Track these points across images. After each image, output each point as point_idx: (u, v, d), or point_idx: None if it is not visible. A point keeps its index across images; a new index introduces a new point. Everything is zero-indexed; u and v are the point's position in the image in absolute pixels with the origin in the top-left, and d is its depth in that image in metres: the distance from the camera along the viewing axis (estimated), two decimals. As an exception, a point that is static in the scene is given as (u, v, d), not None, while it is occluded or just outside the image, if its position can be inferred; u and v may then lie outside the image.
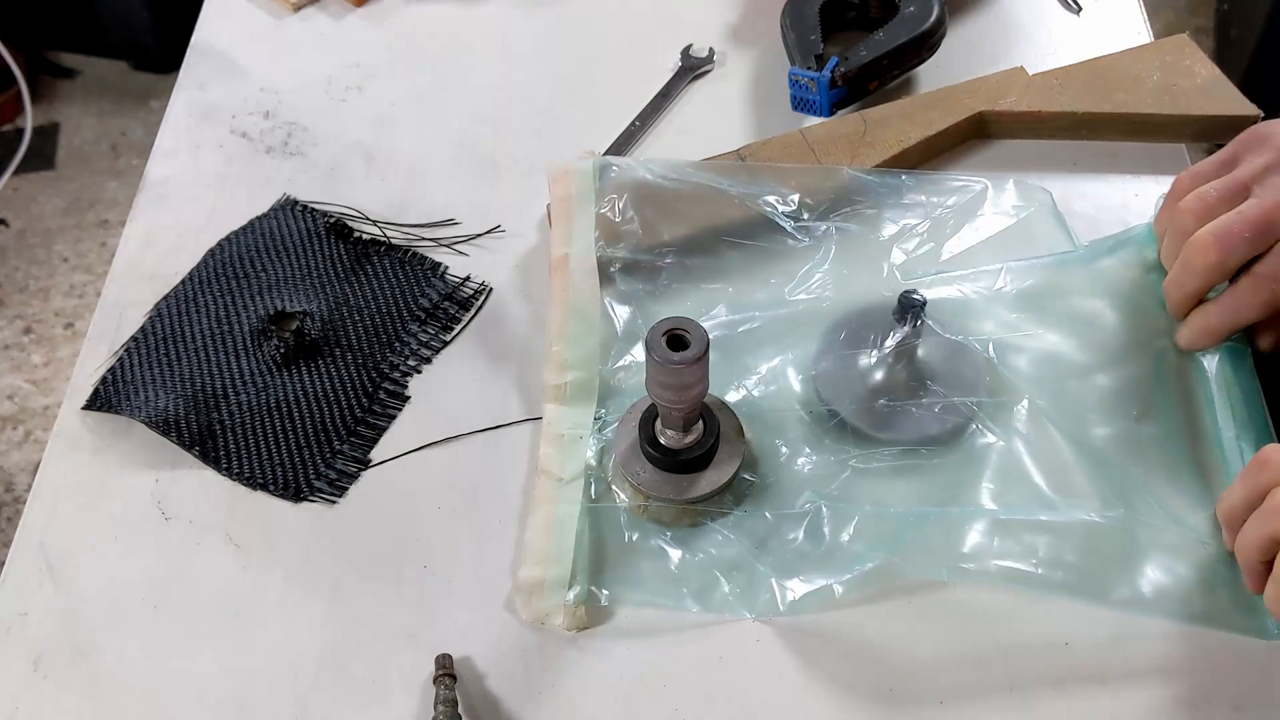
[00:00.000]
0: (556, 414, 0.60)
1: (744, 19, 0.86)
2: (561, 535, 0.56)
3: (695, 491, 0.57)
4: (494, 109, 0.80)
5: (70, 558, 0.57)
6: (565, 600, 0.54)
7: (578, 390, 0.61)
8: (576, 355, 0.62)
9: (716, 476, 0.57)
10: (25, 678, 0.53)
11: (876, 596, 0.55)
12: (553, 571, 0.54)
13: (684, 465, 0.57)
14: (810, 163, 0.70)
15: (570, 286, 0.64)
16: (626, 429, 0.59)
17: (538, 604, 0.54)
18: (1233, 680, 0.52)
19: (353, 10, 0.87)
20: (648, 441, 0.57)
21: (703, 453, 0.57)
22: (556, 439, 0.59)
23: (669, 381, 0.52)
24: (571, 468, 0.58)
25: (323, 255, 0.70)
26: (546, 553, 0.55)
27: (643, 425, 0.58)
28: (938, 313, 0.61)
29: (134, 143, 1.95)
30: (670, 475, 0.57)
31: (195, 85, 0.81)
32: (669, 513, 0.57)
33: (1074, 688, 0.53)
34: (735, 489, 0.58)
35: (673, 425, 0.56)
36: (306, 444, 0.61)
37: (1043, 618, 0.55)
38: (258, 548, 0.58)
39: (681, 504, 0.57)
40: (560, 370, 0.62)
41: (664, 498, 0.57)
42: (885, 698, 0.52)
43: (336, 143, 0.77)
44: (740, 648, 0.54)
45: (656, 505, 0.57)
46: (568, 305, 0.64)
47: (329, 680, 0.53)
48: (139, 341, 0.65)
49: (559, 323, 0.63)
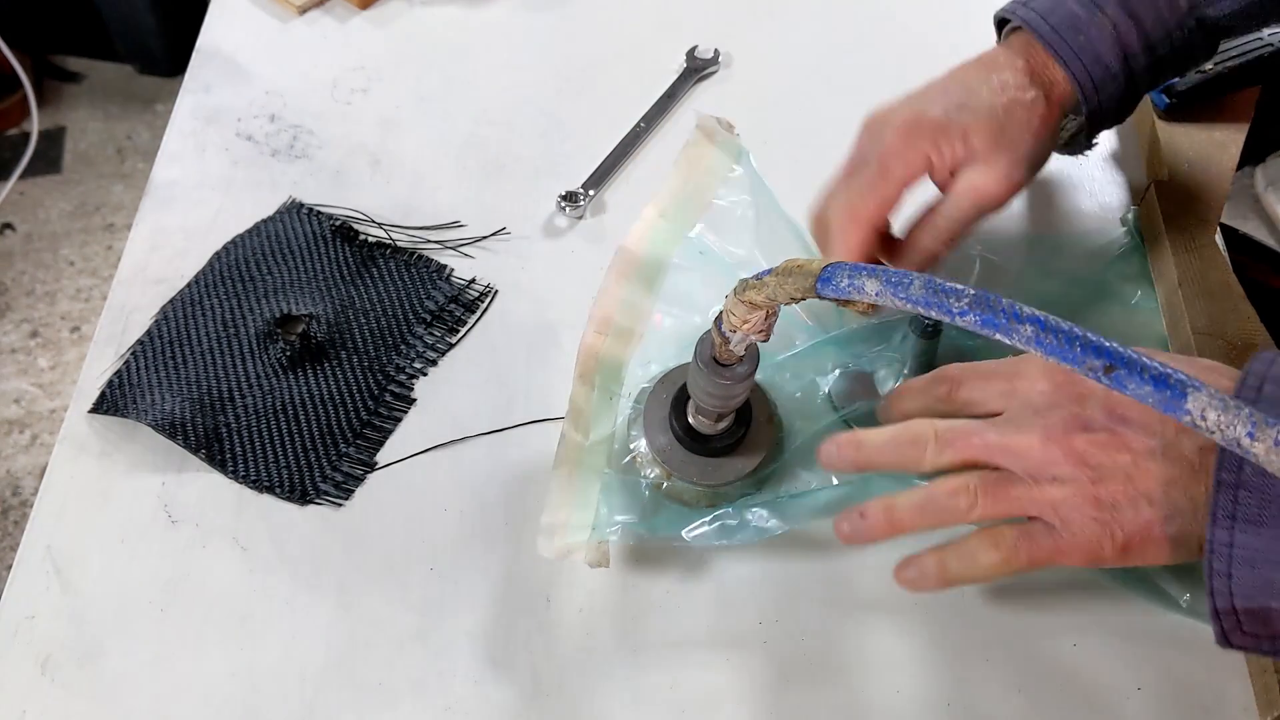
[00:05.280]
0: (588, 372, 0.59)
1: (749, 20, 0.86)
2: (585, 490, 0.55)
3: (719, 477, 0.57)
4: (499, 111, 0.80)
5: (77, 561, 0.57)
6: (587, 539, 0.54)
7: (617, 343, 0.59)
8: (626, 318, 0.60)
9: (742, 465, 0.57)
10: (33, 680, 0.53)
11: (882, 599, 0.55)
12: (576, 516, 0.54)
13: (712, 450, 0.57)
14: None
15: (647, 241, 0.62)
16: (657, 401, 0.59)
17: (560, 541, 0.53)
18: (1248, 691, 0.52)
19: (358, 13, 0.87)
20: (677, 421, 0.58)
21: (732, 441, 0.57)
22: (587, 396, 0.58)
23: (714, 391, 0.52)
24: (598, 430, 0.57)
25: (328, 258, 0.70)
26: (569, 502, 0.55)
27: (674, 404, 0.58)
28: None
29: (140, 146, 1.95)
30: (695, 457, 0.57)
31: (201, 89, 0.81)
32: (689, 493, 0.58)
33: (1081, 689, 0.52)
34: (757, 476, 0.58)
35: (707, 416, 0.56)
36: (313, 446, 0.61)
37: (1050, 619, 0.55)
38: (264, 550, 0.58)
39: (703, 487, 0.57)
40: (605, 324, 0.59)
41: (686, 479, 0.57)
42: (892, 697, 0.52)
43: (342, 145, 0.77)
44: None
45: (677, 484, 0.58)
46: (637, 264, 0.61)
47: (336, 682, 0.53)
48: (145, 345, 0.65)
49: (620, 278, 0.61)
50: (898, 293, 0.39)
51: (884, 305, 0.40)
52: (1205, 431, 0.33)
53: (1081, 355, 0.34)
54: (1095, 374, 0.34)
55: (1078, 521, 0.47)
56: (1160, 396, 0.33)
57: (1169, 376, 0.33)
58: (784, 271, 0.43)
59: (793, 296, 0.43)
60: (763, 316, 0.46)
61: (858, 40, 0.86)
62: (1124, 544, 0.46)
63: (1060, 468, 0.47)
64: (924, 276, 0.38)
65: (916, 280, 0.38)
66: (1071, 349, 0.34)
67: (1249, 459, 0.32)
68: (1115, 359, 0.34)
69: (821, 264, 0.42)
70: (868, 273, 0.40)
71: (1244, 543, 0.42)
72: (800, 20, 0.87)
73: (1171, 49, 0.59)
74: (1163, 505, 0.45)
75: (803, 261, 0.43)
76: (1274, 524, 0.42)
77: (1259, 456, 0.32)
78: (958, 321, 0.37)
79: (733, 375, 0.51)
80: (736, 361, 0.51)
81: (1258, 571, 0.42)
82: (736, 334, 0.48)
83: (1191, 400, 0.33)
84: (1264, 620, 0.43)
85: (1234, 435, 0.32)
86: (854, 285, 0.40)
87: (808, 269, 0.42)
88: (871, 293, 0.39)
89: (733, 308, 0.47)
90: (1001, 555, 0.48)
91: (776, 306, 0.46)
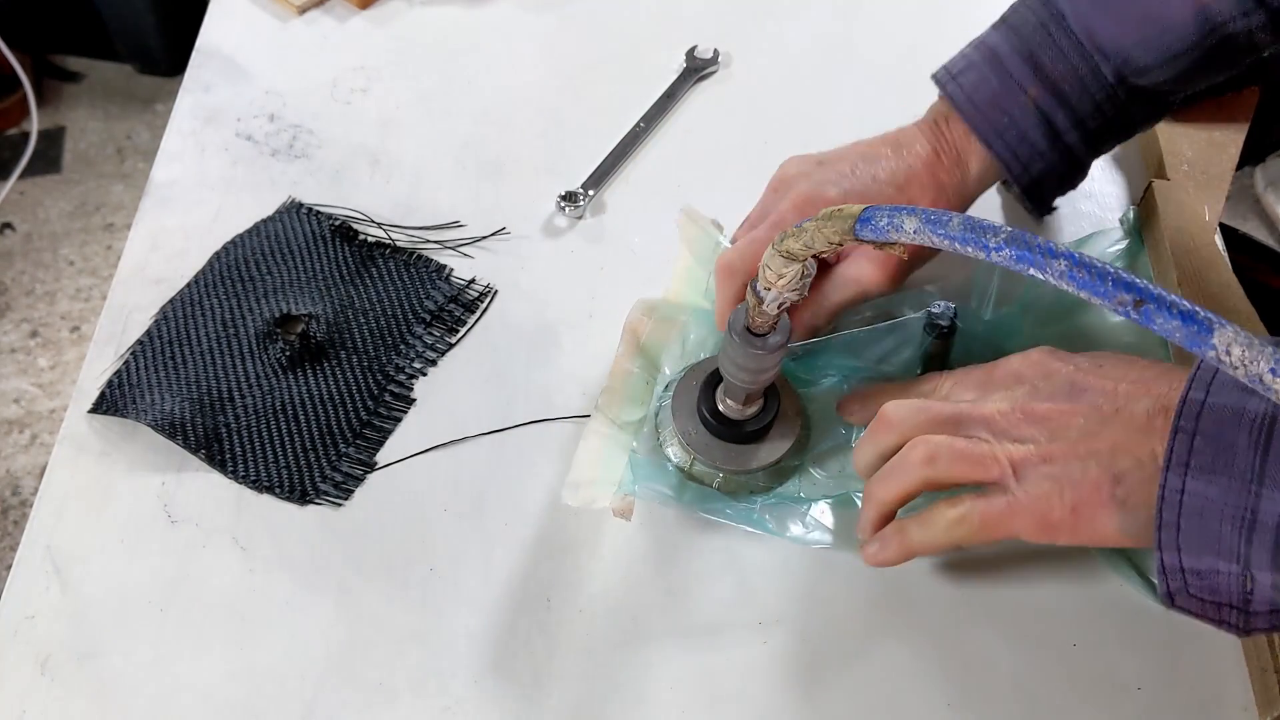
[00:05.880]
0: (630, 351, 0.61)
1: (748, 20, 0.86)
2: (612, 459, 0.57)
3: (743, 464, 0.58)
4: (499, 111, 0.80)
5: (77, 561, 0.57)
6: (612, 491, 0.55)
7: (660, 327, 0.61)
8: (677, 304, 0.62)
9: (766, 454, 0.58)
10: (32, 680, 0.53)
11: (880, 599, 0.55)
12: (603, 474, 0.56)
13: (738, 436, 0.58)
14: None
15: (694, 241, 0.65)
16: (687, 388, 0.60)
17: (586, 493, 0.55)
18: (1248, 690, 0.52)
19: (357, 13, 0.87)
20: (706, 406, 0.58)
21: (759, 428, 0.58)
22: (625, 375, 0.60)
23: (746, 364, 0.53)
24: (629, 413, 0.59)
25: (328, 258, 0.70)
26: (597, 463, 0.56)
27: (704, 389, 0.59)
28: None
29: (139, 146, 1.95)
30: (721, 442, 0.58)
31: (200, 88, 0.81)
32: (710, 476, 0.58)
33: (1081, 688, 0.52)
34: (781, 467, 0.59)
35: (736, 397, 0.57)
36: (312, 447, 0.61)
37: (1050, 619, 0.55)
38: (264, 550, 0.58)
39: (727, 472, 0.58)
40: (650, 308, 0.62)
41: (711, 463, 0.58)
42: (892, 696, 0.52)
43: (342, 145, 0.77)
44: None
45: (701, 468, 0.58)
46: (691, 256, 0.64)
47: (336, 682, 0.53)
48: (145, 345, 0.65)
49: (682, 266, 0.64)
50: (935, 230, 0.39)
51: (922, 244, 0.40)
52: (1229, 368, 0.33)
53: (1113, 290, 0.35)
54: (1125, 309, 0.35)
55: (1030, 479, 0.48)
56: (1187, 331, 0.34)
57: (1195, 313, 0.34)
58: (823, 217, 0.44)
59: (830, 241, 0.44)
60: (799, 273, 0.47)
61: (856, 40, 0.86)
62: (1073, 505, 0.47)
63: (1020, 429, 0.49)
64: (962, 215, 0.39)
65: (955, 218, 0.39)
66: (1103, 283, 0.35)
67: (1269, 396, 0.33)
68: (1144, 294, 0.34)
69: (860, 207, 0.43)
70: (906, 212, 0.40)
71: (1195, 490, 0.42)
72: (799, 20, 0.87)
73: (1105, 121, 0.60)
74: (1109, 465, 0.46)
75: (841, 206, 0.44)
76: (1227, 474, 0.42)
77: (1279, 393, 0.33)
78: (993, 257, 0.38)
79: (764, 346, 0.52)
80: (769, 330, 0.52)
81: (1206, 524, 0.42)
82: (771, 291, 0.48)
83: (1217, 335, 0.33)
84: (1211, 587, 0.43)
85: (1257, 371, 0.33)
86: (893, 224, 0.41)
87: (847, 212, 0.43)
88: (910, 231, 0.40)
89: (769, 261, 0.47)
90: (958, 513, 0.50)
91: (811, 263, 0.47)
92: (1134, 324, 0.36)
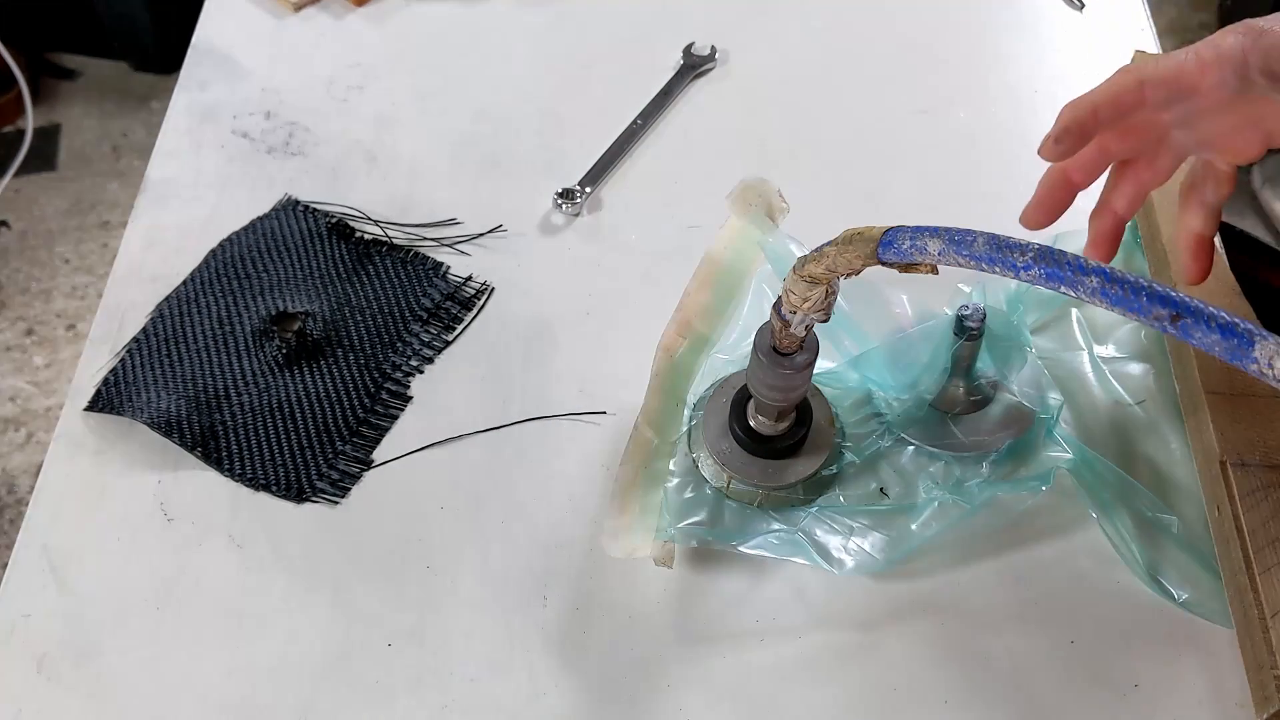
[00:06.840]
0: (668, 368, 0.60)
1: (746, 17, 0.86)
2: (649, 494, 0.56)
3: (779, 479, 0.57)
4: (495, 108, 0.80)
5: (73, 559, 0.57)
6: (652, 539, 0.54)
7: (691, 348, 0.60)
8: (703, 324, 0.61)
9: (802, 468, 0.58)
10: (29, 679, 0.53)
11: (878, 599, 0.55)
12: (641, 520, 0.55)
13: (773, 451, 0.57)
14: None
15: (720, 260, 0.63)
16: (716, 406, 0.59)
17: (626, 541, 0.54)
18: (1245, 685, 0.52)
19: (353, 10, 0.87)
20: (738, 423, 0.58)
21: (792, 442, 0.57)
22: (662, 394, 0.59)
23: (776, 384, 0.52)
24: (670, 430, 0.58)
25: (324, 255, 0.70)
26: (634, 506, 0.55)
27: (735, 406, 0.58)
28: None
29: (135, 144, 1.95)
30: (756, 459, 0.58)
31: (196, 86, 0.81)
32: (749, 495, 0.58)
33: (1079, 686, 0.52)
34: (820, 478, 0.58)
35: (768, 415, 0.56)
36: (309, 445, 0.61)
37: (1048, 617, 0.55)
38: (260, 549, 0.58)
39: (765, 489, 0.57)
40: (684, 327, 0.61)
41: (749, 481, 0.57)
42: (889, 694, 0.52)
43: (338, 143, 0.77)
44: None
45: (739, 486, 0.58)
46: (718, 269, 0.62)
47: (332, 681, 0.53)
48: (141, 343, 0.65)
49: (705, 279, 0.62)
50: (960, 251, 0.38)
51: (947, 265, 0.39)
52: (1272, 380, 0.33)
53: (1148, 305, 0.34)
54: (1161, 324, 0.34)
55: None
56: (1228, 345, 0.33)
57: (1236, 325, 0.33)
58: (844, 240, 0.43)
59: (853, 265, 0.43)
60: (823, 294, 0.46)
61: (855, 37, 0.86)
62: None
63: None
64: (987, 234, 0.38)
65: (980, 238, 0.38)
66: (1137, 299, 0.34)
67: None
68: (1181, 309, 0.34)
69: (882, 229, 0.42)
70: (929, 233, 0.39)
71: None
72: (797, 17, 0.87)
73: None
74: None
75: (862, 229, 0.43)
76: None
77: None
78: (1022, 277, 0.37)
79: (793, 365, 0.51)
80: (796, 350, 0.51)
81: None
82: (796, 314, 0.48)
83: (1259, 349, 0.33)
84: None
85: None
86: (916, 246, 0.40)
87: (868, 234, 0.42)
88: (934, 252, 0.39)
89: (792, 286, 0.47)
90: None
91: (836, 282, 0.46)
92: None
